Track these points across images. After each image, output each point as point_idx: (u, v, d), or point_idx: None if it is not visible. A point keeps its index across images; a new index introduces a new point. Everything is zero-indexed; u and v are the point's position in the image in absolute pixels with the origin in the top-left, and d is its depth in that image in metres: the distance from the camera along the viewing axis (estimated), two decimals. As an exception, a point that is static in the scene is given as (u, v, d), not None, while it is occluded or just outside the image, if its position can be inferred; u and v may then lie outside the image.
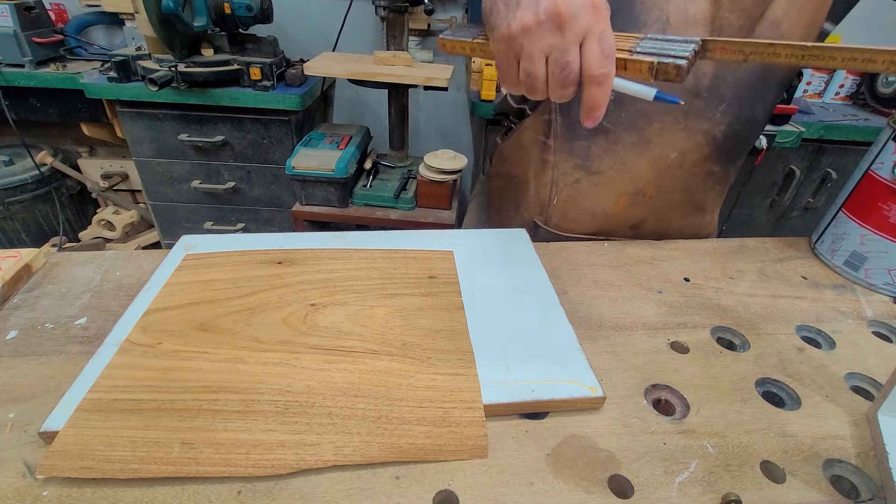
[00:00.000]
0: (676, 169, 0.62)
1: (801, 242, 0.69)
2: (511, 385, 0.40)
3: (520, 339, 0.46)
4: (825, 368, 0.47)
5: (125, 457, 0.34)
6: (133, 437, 0.35)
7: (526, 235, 0.63)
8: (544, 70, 0.36)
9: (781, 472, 0.36)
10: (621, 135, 0.61)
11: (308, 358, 0.42)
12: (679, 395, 0.43)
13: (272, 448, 0.34)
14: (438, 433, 0.36)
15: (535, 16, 0.35)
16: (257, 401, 0.38)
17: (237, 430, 0.35)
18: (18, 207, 1.68)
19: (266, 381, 0.39)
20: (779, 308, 0.55)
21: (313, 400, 0.38)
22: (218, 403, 0.37)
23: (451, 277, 0.54)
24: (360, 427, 0.36)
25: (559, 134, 0.64)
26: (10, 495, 0.32)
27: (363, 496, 0.33)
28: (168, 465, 0.33)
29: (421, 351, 0.43)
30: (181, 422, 0.36)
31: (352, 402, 0.38)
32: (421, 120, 2.04)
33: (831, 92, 1.68)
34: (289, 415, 0.37)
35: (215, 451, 0.34)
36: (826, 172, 1.54)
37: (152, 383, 0.39)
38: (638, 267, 0.61)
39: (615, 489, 0.35)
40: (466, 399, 0.39)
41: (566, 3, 0.34)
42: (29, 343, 0.45)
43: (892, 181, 0.54)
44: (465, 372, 0.41)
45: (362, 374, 0.41)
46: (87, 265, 0.57)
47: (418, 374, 0.41)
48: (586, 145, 0.63)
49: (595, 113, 0.36)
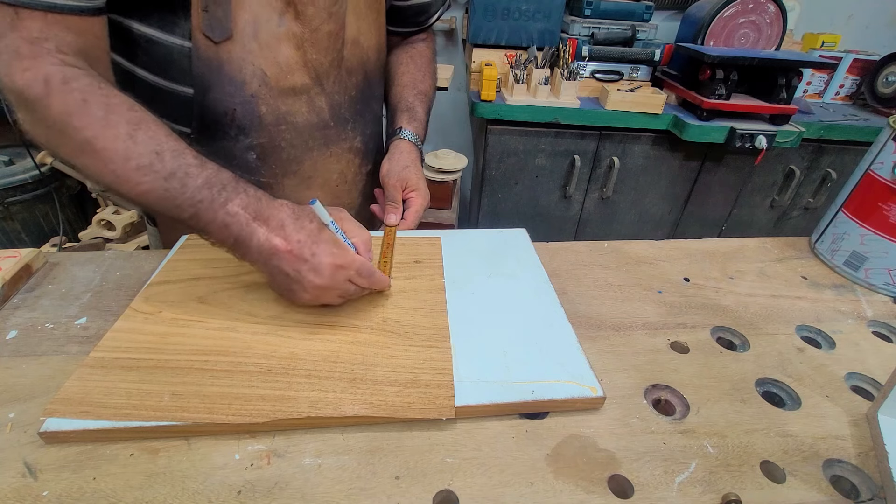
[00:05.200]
0: (343, 184, 0.68)
1: (801, 242, 0.69)
2: (511, 385, 0.40)
3: (520, 339, 0.46)
4: (825, 368, 0.47)
5: (120, 404, 0.37)
6: (129, 389, 0.38)
7: (526, 235, 0.63)
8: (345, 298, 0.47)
9: (781, 472, 0.36)
10: (282, 182, 0.62)
11: (294, 330, 0.45)
12: (679, 395, 0.43)
13: (252, 400, 0.38)
14: (408, 392, 0.39)
15: (314, 290, 0.44)
16: (244, 363, 0.41)
17: (223, 386, 0.39)
18: (18, 207, 1.68)
19: (254, 347, 0.43)
20: (779, 308, 0.55)
21: (295, 364, 0.41)
22: (208, 364, 0.41)
23: (436, 262, 0.56)
24: (336, 386, 0.39)
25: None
26: (10, 495, 0.32)
27: (363, 496, 0.33)
28: (157, 411, 0.37)
29: (399, 326, 0.46)
30: (173, 377, 0.40)
31: (330, 366, 0.41)
32: (421, 120, 2.04)
33: (831, 92, 1.68)
34: (271, 375, 0.40)
35: (200, 402, 0.38)
36: (826, 172, 1.54)
37: (150, 345, 0.43)
38: (638, 267, 0.61)
39: (615, 489, 0.35)
40: (437, 366, 0.42)
41: (320, 278, 0.43)
42: (29, 343, 0.45)
43: (892, 181, 0.54)
44: (440, 345, 0.44)
45: (343, 343, 0.44)
46: (87, 265, 0.57)
47: (395, 346, 0.44)
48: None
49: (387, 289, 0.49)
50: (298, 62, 0.55)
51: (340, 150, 0.65)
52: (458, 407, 0.38)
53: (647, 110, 1.39)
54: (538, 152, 1.48)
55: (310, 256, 0.43)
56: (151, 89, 0.54)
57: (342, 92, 0.61)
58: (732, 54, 1.29)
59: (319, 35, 0.55)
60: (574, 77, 1.40)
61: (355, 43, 0.60)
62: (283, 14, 0.52)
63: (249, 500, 0.33)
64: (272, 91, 0.55)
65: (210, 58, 0.51)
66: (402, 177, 0.64)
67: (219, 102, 0.54)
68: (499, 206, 1.58)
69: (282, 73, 0.55)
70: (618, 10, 1.48)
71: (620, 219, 1.63)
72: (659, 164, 1.52)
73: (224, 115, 0.55)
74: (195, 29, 0.49)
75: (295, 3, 0.52)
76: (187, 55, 0.51)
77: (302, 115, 0.58)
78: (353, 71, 0.62)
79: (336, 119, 0.62)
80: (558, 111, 1.38)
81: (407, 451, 0.37)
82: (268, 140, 0.58)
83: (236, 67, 0.52)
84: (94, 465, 0.35)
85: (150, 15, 0.50)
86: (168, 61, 0.52)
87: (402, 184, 0.64)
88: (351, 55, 0.60)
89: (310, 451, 0.36)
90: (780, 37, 1.45)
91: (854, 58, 1.61)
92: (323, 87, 0.59)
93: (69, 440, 0.36)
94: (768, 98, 1.36)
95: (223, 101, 0.54)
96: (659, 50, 1.44)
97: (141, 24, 0.50)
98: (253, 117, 0.56)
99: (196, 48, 0.50)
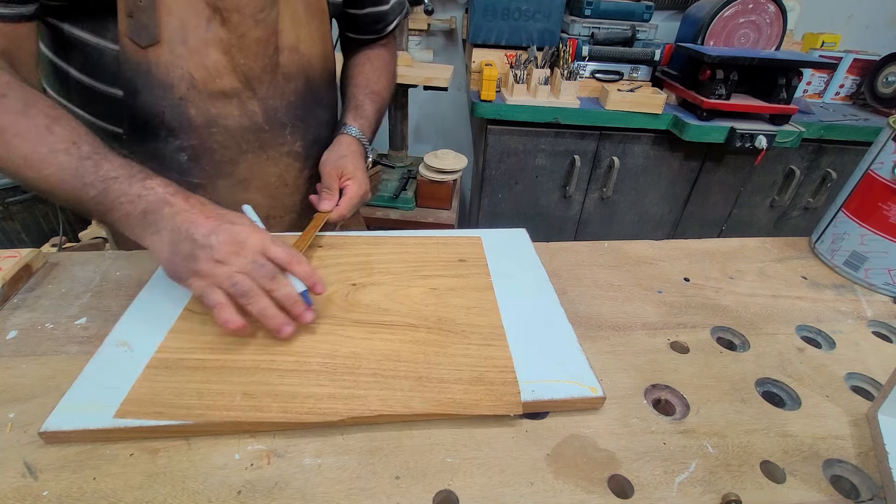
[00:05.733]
0: (283, 187, 0.68)
1: (801, 242, 0.69)
2: (511, 385, 0.40)
3: (520, 338, 0.46)
4: (825, 368, 0.47)
5: (192, 404, 0.37)
6: (199, 389, 0.39)
7: (526, 235, 0.63)
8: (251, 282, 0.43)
9: (781, 472, 0.36)
10: (216, 183, 0.62)
11: (352, 329, 0.46)
12: (679, 395, 0.43)
13: (324, 399, 0.38)
14: (475, 390, 0.40)
15: (224, 251, 0.43)
16: (308, 362, 0.42)
17: (292, 385, 0.40)
18: (18, 207, 1.68)
19: (314, 347, 0.44)
20: (779, 308, 0.55)
21: (359, 363, 0.42)
22: (273, 363, 0.42)
23: (479, 260, 0.57)
24: (403, 385, 0.40)
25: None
26: (10, 495, 0.32)
27: (363, 496, 0.33)
28: (231, 411, 0.37)
29: (455, 325, 0.47)
30: (241, 377, 0.40)
31: (394, 365, 0.42)
32: (421, 120, 2.04)
33: (831, 92, 1.68)
34: (337, 374, 0.41)
35: (273, 401, 0.38)
36: (826, 172, 1.53)
37: (212, 346, 0.43)
38: (638, 267, 0.61)
39: (615, 489, 0.35)
40: (499, 364, 0.42)
41: (232, 242, 0.43)
42: (29, 343, 0.45)
43: (892, 181, 0.54)
44: (497, 343, 0.45)
45: (402, 343, 0.44)
46: (87, 265, 0.57)
47: (453, 345, 0.44)
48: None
49: (318, 287, 0.45)
50: (227, 66, 0.56)
51: (278, 154, 0.65)
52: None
53: (647, 110, 1.39)
54: (538, 152, 1.48)
55: (227, 222, 0.44)
56: (85, 90, 0.55)
57: (278, 97, 0.62)
58: (732, 54, 1.29)
59: (247, 41, 0.56)
60: (574, 77, 1.40)
61: (293, 50, 0.61)
62: (211, 20, 0.53)
63: (249, 500, 0.33)
64: (201, 94, 0.56)
65: (138, 61, 0.52)
66: (339, 165, 0.64)
67: (148, 104, 0.54)
68: (499, 206, 1.58)
69: (210, 77, 0.55)
70: (618, 10, 1.48)
71: (620, 219, 1.63)
72: (659, 164, 1.52)
73: (154, 116, 0.55)
74: (122, 34, 0.50)
75: (221, 9, 0.53)
76: (117, 58, 0.52)
77: (233, 119, 0.59)
78: (292, 77, 0.62)
79: (271, 123, 0.62)
80: (558, 111, 1.38)
81: (407, 451, 0.37)
82: (199, 142, 0.58)
83: (164, 71, 0.53)
84: (94, 465, 0.34)
85: (82, 19, 0.51)
86: (100, 63, 0.53)
87: (338, 172, 0.64)
88: (289, 62, 0.61)
89: (310, 451, 0.36)
90: (780, 37, 1.45)
91: (854, 58, 1.61)
92: (255, 92, 0.59)
93: (69, 440, 0.36)
94: (768, 98, 1.36)
95: (152, 103, 0.54)
96: (659, 50, 1.44)
97: (74, 27, 0.51)
98: (182, 119, 0.56)
99: (124, 52, 0.51)
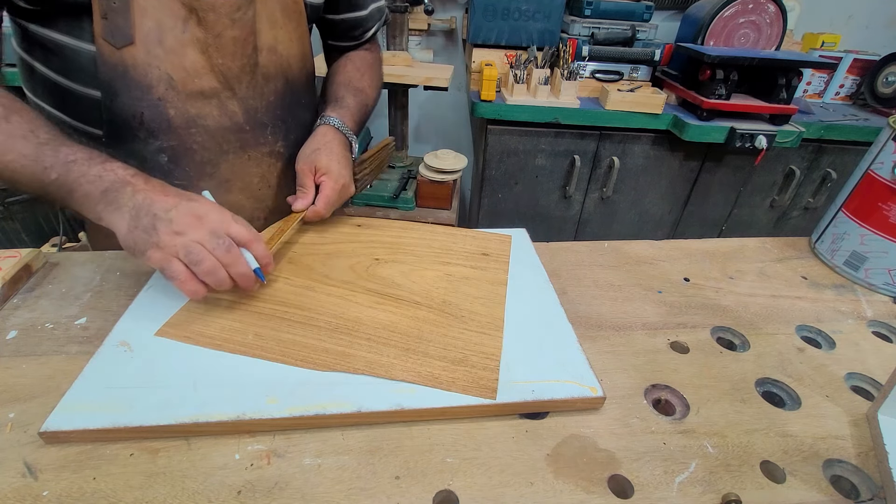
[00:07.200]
0: (266, 188, 0.68)
1: (801, 242, 0.69)
2: (511, 385, 0.40)
3: (520, 338, 0.46)
4: (825, 368, 0.47)
5: (214, 335, 0.45)
6: (223, 324, 0.46)
7: (526, 235, 0.63)
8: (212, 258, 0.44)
9: (781, 472, 0.36)
10: (198, 185, 0.61)
11: (362, 297, 0.50)
12: (679, 395, 0.43)
13: (318, 351, 0.43)
14: (454, 369, 0.42)
15: (184, 223, 0.44)
16: (315, 318, 0.47)
17: (296, 335, 0.45)
18: (18, 207, 1.68)
19: (326, 306, 0.49)
20: (779, 308, 0.55)
21: (358, 326, 0.46)
22: (287, 314, 0.47)
23: (502, 257, 0.59)
24: (390, 352, 0.43)
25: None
26: (10, 495, 0.32)
27: (363, 496, 0.33)
28: (242, 346, 0.43)
29: (458, 309, 0.49)
30: (258, 321, 0.46)
31: (388, 334, 0.46)
32: (421, 120, 2.04)
33: (831, 92, 1.68)
34: (337, 332, 0.45)
35: (276, 345, 0.44)
36: (826, 172, 1.54)
37: (244, 292, 0.49)
38: (638, 267, 0.61)
39: (615, 489, 0.35)
40: (487, 351, 0.44)
41: (190, 215, 0.44)
42: (29, 343, 0.45)
43: (892, 181, 0.54)
44: (492, 333, 0.46)
45: (403, 317, 0.48)
46: (87, 265, 0.57)
47: (450, 326, 0.47)
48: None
49: (269, 266, 0.49)
50: (205, 66, 0.56)
51: (260, 154, 0.64)
52: (457, 407, 0.39)
53: (647, 110, 1.39)
54: (538, 152, 1.48)
55: (187, 199, 0.45)
56: (62, 92, 0.55)
57: (258, 97, 0.62)
58: (732, 54, 1.29)
59: (224, 40, 0.55)
60: (574, 77, 1.40)
61: (272, 50, 0.61)
62: (187, 20, 0.53)
63: (249, 500, 0.33)
64: (180, 95, 0.56)
65: (115, 63, 0.52)
66: (311, 160, 0.62)
67: (126, 106, 0.54)
68: (499, 206, 1.58)
69: (188, 77, 0.55)
70: (618, 10, 1.48)
71: (620, 219, 1.63)
72: (659, 164, 1.52)
73: (133, 117, 0.55)
74: (97, 35, 0.50)
75: (196, 9, 0.53)
76: (94, 60, 0.52)
77: (213, 119, 0.59)
78: (272, 77, 0.62)
79: (252, 123, 0.62)
80: (558, 111, 1.38)
81: (407, 451, 0.37)
82: (178, 143, 0.58)
83: (141, 72, 0.53)
84: (94, 465, 0.35)
85: (57, 21, 0.51)
86: (76, 65, 0.53)
87: (311, 167, 0.62)
88: (268, 62, 0.61)
89: (310, 451, 0.36)
90: (780, 37, 1.45)
91: (854, 58, 1.61)
92: (234, 92, 0.59)
93: (69, 440, 0.36)
94: (768, 98, 1.36)
95: (131, 104, 0.54)
96: (659, 50, 1.44)
97: (49, 29, 0.51)
98: (161, 120, 0.56)
99: (100, 53, 0.51)
